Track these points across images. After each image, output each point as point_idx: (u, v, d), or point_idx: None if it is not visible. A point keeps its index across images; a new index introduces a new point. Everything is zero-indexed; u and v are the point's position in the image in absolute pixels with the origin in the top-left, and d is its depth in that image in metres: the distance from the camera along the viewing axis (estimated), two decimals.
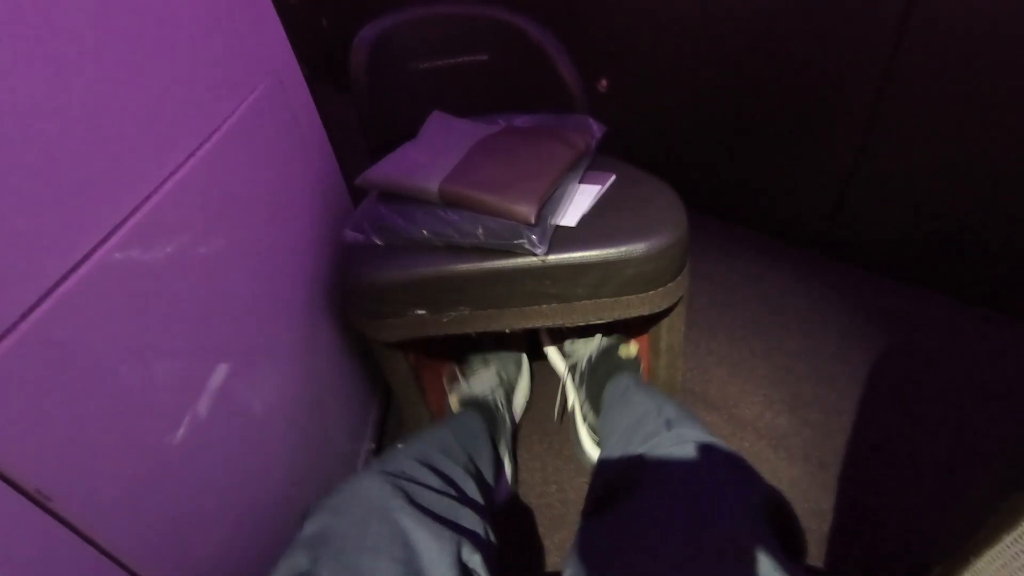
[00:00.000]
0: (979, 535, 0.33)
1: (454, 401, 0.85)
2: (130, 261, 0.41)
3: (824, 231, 1.16)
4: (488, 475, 0.63)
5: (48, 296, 0.35)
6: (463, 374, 0.89)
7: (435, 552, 0.33)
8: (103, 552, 0.37)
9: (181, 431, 0.46)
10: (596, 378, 0.80)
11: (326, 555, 0.32)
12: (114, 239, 0.40)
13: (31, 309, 0.33)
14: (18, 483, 0.32)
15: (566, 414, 0.93)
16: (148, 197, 0.44)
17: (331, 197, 0.78)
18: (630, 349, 0.82)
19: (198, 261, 0.49)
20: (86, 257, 0.38)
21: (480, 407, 0.81)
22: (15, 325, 0.32)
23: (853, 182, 1.06)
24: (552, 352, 0.96)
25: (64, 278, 0.36)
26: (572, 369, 0.89)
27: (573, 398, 0.89)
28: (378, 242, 0.66)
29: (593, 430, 0.83)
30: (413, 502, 0.36)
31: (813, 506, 0.79)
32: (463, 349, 0.95)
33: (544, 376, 1.02)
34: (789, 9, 0.97)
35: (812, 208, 1.15)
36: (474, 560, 0.36)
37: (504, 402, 0.86)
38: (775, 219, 1.23)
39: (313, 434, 0.70)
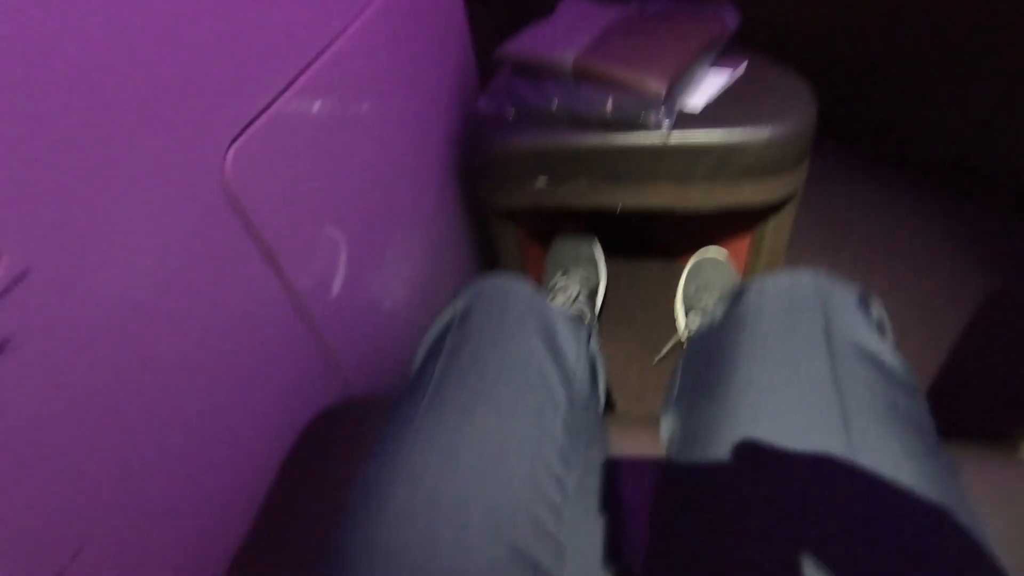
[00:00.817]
0: None
1: None
2: (301, 112, 0.48)
3: (958, 163, 1.09)
4: None
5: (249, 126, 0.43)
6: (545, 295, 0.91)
7: (570, 327, 0.40)
8: (307, 316, 0.47)
9: (355, 237, 0.55)
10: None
11: (476, 309, 0.39)
12: (288, 92, 0.46)
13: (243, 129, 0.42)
14: (258, 233, 0.41)
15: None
16: (318, 55, 0.50)
17: (464, 71, 0.83)
18: None
19: (352, 120, 0.56)
20: (268, 105, 0.45)
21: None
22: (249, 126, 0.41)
23: (998, 117, 0.98)
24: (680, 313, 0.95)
25: (252, 121, 0.42)
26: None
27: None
28: (510, 113, 0.71)
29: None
30: (542, 295, 0.42)
31: None
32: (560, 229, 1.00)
33: (621, 269, 1.06)
34: None
35: (949, 140, 1.08)
36: (597, 351, 0.42)
37: (590, 311, 0.89)
38: (905, 146, 1.16)
39: (424, 285, 0.79)
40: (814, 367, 0.33)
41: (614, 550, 0.35)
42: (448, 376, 0.35)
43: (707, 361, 0.39)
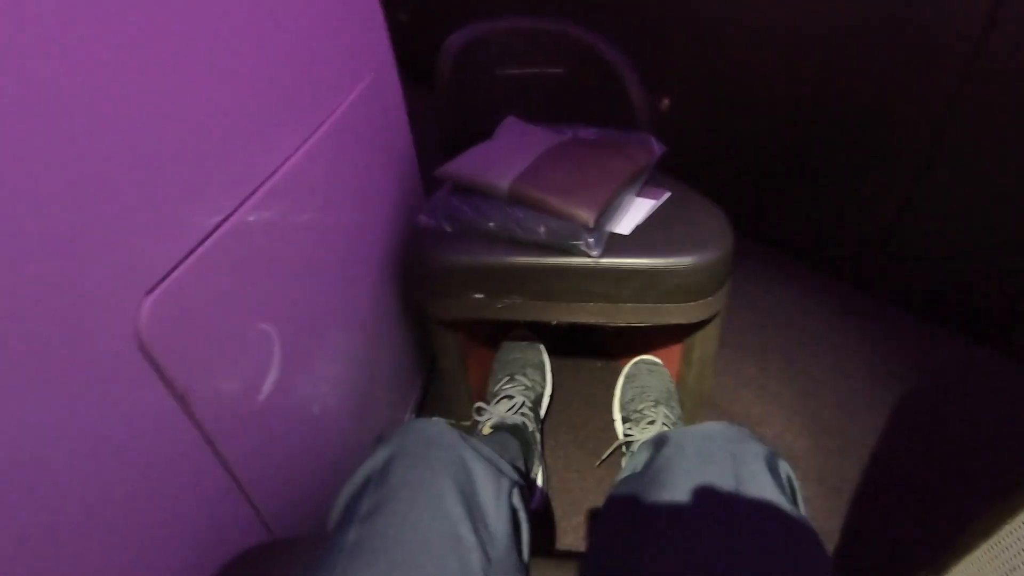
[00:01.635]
0: (976, 527, 0.38)
1: (486, 428, 0.85)
2: (249, 230, 0.49)
3: (867, 268, 1.18)
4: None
5: (211, 235, 0.43)
6: (489, 399, 0.91)
7: (490, 484, 0.40)
8: (221, 459, 0.45)
9: (280, 370, 0.54)
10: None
11: (396, 464, 0.38)
12: (242, 208, 0.47)
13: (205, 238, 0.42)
14: (170, 381, 0.40)
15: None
16: (269, 176, 0.51)
17: (408, 185, 0.86)
18: None
19: (300, 230, 0.57)
20: (226, 218, 0.46)
21: (511, 430, 0.83)
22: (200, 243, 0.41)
23: (902, 222, 1.08)
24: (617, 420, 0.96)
25: (170, 271, 0.42)
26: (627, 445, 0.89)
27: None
28: (448, 229, 0.73)
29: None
30: (468, 441, 0.42)
31: (821, 526, 0.83)
32: (502, 337, 1.02)
33: (563, 369, 1.08)
34: (853, 40, 1.00)
35: (858, 243, 1.18)
36: (520, 505, 0.42)
37: (533, 418, 0.89)
38: (820, 251, 1.26)
39: (363, 396, 0.78)
40: (723, 535, 0.34)
41: None
42: (362, 544, 0.34)
43: (630, 518, 0.40)
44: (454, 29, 0.88)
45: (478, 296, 0.73)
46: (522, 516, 0.42)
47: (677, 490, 0.38)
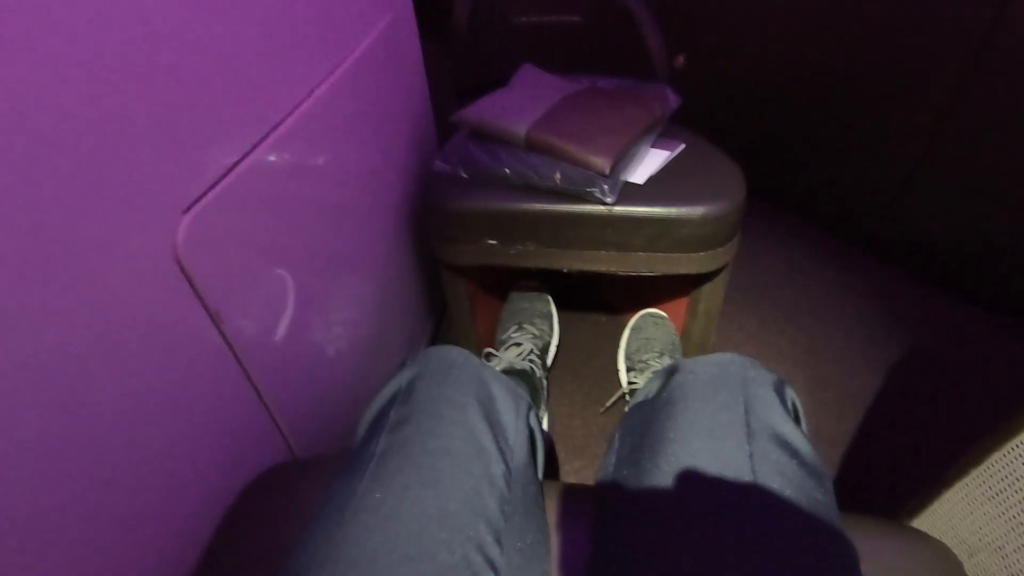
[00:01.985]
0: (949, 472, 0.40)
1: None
2: (258, 178, 0.49)
3: (874, 231, 1.19)
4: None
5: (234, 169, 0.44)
6: (498, 347, 0.94)
7: (510, 402, 0.42)
8: (248, 377, 0.47)
9: (302, 300, 0.56)
10: None
11: (421, 382, 0.40)
12: (249, 158, 0.48)
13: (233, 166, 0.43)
14: (204, 298, 0.41)
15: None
16: (292, 111, 0.52)
17: (423, 131, 0.86)
18: None
19: (321, 167, 0.58)
20: (252, 149, 0.47)
21: (519, 375, 0.86)
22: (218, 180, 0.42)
23: (910, 188, 1.09)
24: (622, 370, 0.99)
25: (208, 190, 0.44)
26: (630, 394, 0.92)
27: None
28: (464, 175, 0.74)
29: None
30: (486, 365, 0.44)
31: None
32: (511, 288, 1.04)
33: (569, 322, 1.10)
34: (869, 10, 0.99)
35: (866, 207, 1.18)
36: (536, 426, 0.44)
37: (540, 365, 0.91)
38: (829, 213, 1.26)
39: (377, 334, 0.80)
40: (733, 450, 0.37)
41: None
42: (390, 451, 0.36)
43: (641, 436, 0.42)
44: None
45: (491, 242, 0.74)
46: (538, 436, 0.45)
47: (688, 417, 0.40)
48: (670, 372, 0.45)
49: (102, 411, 0.36)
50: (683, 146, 0.74)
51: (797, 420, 0.42)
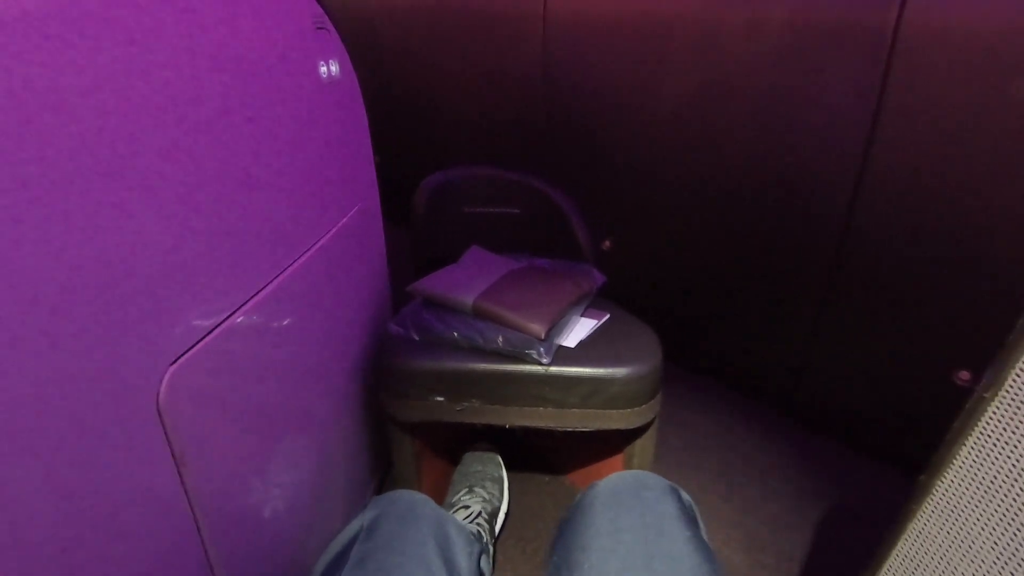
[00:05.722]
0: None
1: None
2: (250, 325, 0.57)
3: (787, 395, 1.32)
4: None
5: (209, 333, 0.51)
6: (447, 509, 0.95)
7: (464, 545, 0.45)
8: (196, 522, 0.48)
9: (257, 451, 0.58)
10: None
11: (383, 521, 0.43)
12: (244, 308, 0.56)
13: (209, 331, 0.49)
14: (173, 447, 0.45)
15: None
16: (271, 281, 0.61)
17: (380, 299, 0.96)
18: None
19: (288, 332, 0.65)
20: (231, 314, 0.54)
21: None
22: (195, 344, 0.48)
23: (811, 356, 1.24)
24: None
25: (211, 330, 0.51)
26: None
27: None
28: (416, 337, 0.83)
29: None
30: (443, 511, 0.48)
31: None
32: (460, 448, 1.06)
33: (514, 483, 1.12)
34: (756, 190, 1.21)
35: (776, 373, 1.32)
36: (487, 569, 0.47)
37: (488, 530, 0.92)
38: (745, 378, 1.39)
39: (320, 495, 0.80)
40: (633, 550, 0.42)
41: None
42: None
43: (562, 547, 0.46)
44: (417, 176, 1.05)
45: (439, 399, 0.80)
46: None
47: (591, 537, 0.45)
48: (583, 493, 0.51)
49: (44, 543, 0.37)
50: (608, 316, 0.87)
51: (691, 520, 0.47)
